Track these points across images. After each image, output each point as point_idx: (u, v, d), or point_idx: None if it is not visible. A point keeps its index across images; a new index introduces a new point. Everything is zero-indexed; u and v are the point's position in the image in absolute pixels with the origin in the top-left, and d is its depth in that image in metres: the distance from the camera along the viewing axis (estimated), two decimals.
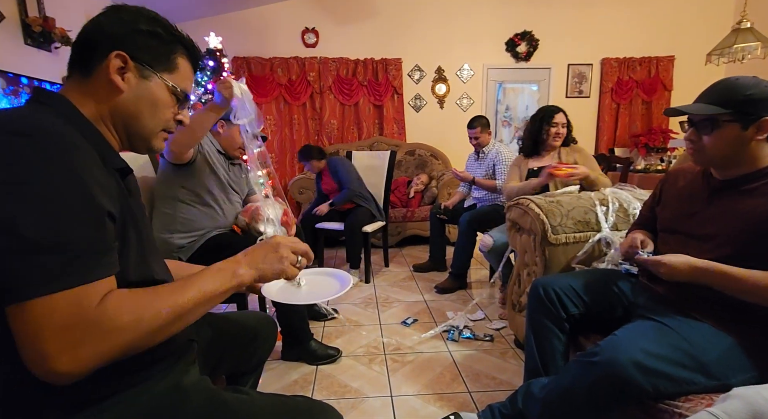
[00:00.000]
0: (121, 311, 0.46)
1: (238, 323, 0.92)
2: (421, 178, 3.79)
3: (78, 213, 0.46)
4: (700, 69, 3.57)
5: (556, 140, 2.07)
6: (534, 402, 1.00)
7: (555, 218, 1.43)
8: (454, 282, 2.49)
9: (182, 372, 0.63)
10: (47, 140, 0.46)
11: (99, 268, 0.47)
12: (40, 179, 0.44)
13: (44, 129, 0.47)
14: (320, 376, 1.59)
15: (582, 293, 1.12)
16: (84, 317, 0.44)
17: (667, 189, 1.15)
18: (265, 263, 0.62)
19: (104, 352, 0.45)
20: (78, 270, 0.45)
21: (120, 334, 0.46)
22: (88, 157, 0.50)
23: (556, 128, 2.06)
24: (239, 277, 0.59)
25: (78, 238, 0.45)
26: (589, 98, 4.47)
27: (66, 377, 0.44)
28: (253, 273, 0.60)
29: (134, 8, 0.61)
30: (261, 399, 0.64)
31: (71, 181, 0.46)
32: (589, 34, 4.30)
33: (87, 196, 0.47)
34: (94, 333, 0.44)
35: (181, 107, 0.66)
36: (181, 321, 0.52)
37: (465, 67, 4.33)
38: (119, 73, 0.57)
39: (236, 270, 0.59)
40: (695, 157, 0.97)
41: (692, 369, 0.81)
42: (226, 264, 0.59)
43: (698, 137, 0.93)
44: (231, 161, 1.70)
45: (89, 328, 0.44)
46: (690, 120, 0.96)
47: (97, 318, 0.45)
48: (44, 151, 0.45)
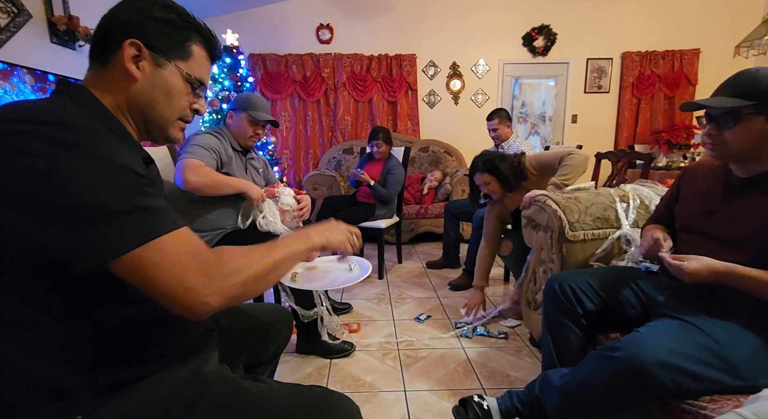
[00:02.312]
0: (234, 255, 0.53)
1: (255, 314, 0.93)
2: (435, 175, 3.77)
3: (134, 182, 0.49)
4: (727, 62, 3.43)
5: (495, 197, 1.88)
6: (551, 391, 1.00)
7: (573, 215, 1.40)
8: (468, 280, 2.47)
9: (203, 360, 0.65)
10: (77, 126, 0.48)
11: (179, 220, 0.51)
12: (82, 160, 0.46)
13: (71, 117, 0.48)
14: (334, 369, 1.60)
15: (599, 289, 1.10)
16: (207, 256, 0.50)
17: (684, 186, 1.11)
18: (330, 232, 0.73)
19: (231, 288, 0.51)
20: (170, 220, 0.50)
21: (239, 273, 0.52)
22: (116, 142, 0.51)
23: (482, 188, 1.86)
24: (312, 240, 0.68)
25: (142, 201, 0.49)
26: (608, 93, 4.36)
27: (209, 309, 0.49)
28: (322, 238, 0.70)
29: None
30: (279, 388, 0.64)
31: (111, 157, 0.48)
32: (609, 27, 4.19)
33: (131, 168, 0.49)
34: (222, 270, 0.51)
35: (196, 96, 0.66)
36: (274, 273, 0.59)
37: (480, 63, 4.27)
38: (134, 61, 0.58)
39: (308, 235, 0.68)
40: (716, 153, 0.93)
41: (719, 368, 0.79)
42: (300, 232, 0.69)
43: (719, 132, 0.90)
44: (248, 157, 1.72)
45: (216, 265, 0.50)
46: (708, 114, 0.92)
47: (218, 259, 0.51)
48: (76, 135, 0.47)
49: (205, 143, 1.51)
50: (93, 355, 0.52)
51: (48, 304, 0.49)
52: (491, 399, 1.16)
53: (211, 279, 0.49)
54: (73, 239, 0.45)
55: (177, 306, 0.48)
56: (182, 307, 0.48)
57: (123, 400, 0.54)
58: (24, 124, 0.46)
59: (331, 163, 4.03)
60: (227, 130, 1.67)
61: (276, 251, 0.60)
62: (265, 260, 0.57)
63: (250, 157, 1.74)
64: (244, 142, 1.68)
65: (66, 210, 0.44)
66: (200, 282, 0.48)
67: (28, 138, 0.45)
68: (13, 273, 0.48)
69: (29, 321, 0.49)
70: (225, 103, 3.06)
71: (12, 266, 0.47)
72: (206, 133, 1.59)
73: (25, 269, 0.48)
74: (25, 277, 0.48)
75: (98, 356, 0.53)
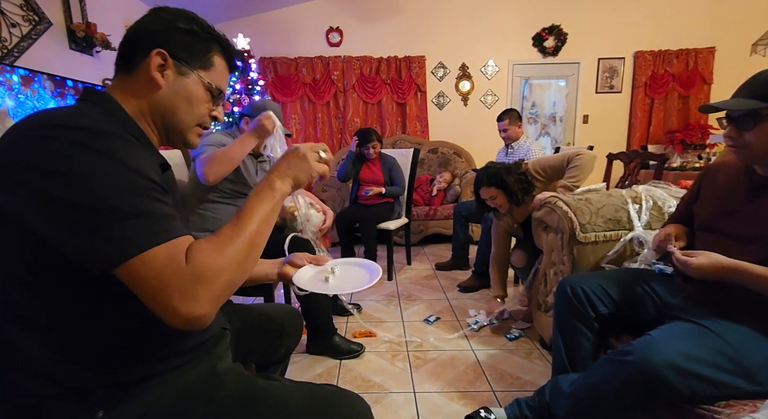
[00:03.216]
0: (207, 256, 0.50)
1: (266, 315, 0.95)
2: (444, 176, 3.76)
3: (143, 188, 0.50)
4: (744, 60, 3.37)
5: (502, 210, 1.83)
6: (562, 397, 0.99)
7: (584, 216, 1.39)
8: (477, 281, 2.46)
9: (217, 358, 0.66)
10: (100, 132, 0.50)
11: (176, 229, 0.51)
12: (103, 163, 0.48)
13: (97, 123, 0.51)
14: (344, 370, 1.61)
15: (612, 292, 1.09)
16: (182, 270, 0.48)
17: (706, 185, 1.10)
18: (292, 168, 0.64)
19: (217, 292, 0.50)
20: (162, 229, 0.49)
21: (219, 275, 0.50)
22: (136, 146, 0.54)
23: (489, 202, 1.82)
24: (278, 190, 0.61)
25: (150, 206, 0.50)
26: (620, 93, 4.30)
27: (202, 320, 0.49)
28: (288, 181, 0.62)
29: (175, 9, 0.64)
30: (292, 386, 0.66)
31: (130, 163, 0.50)
32: (621, 26, 4.13)
33: (146, 174, 0.51)
34: (199, 281, 0.49)
35: (215, 104, 0.69)
36: (256, 246, 0.56)
37: (490, 64, 4.25)
38: (159, 70, 0.60)
39: (272, 185, 0.61)
40: (739, 155, 0.92)
41: (734, 373, 0.77)
42: (262, 185, 0.61)
43: (738, 134, 0.89)
44: (259, 159, 1.75)
45: (192, 278, 0.48)
46: (728, 116, 0.91)
47: (193, 268, 0.49)
48: (101, 140, 0.49)
49: (215, 141, 1.55)
50: (113, 353, 0.54)
51: (68, 303, 0.51)
52: (498, 410, 1.16)
53: (189, 295, 0.47)
54: (86, 241, 0.46)
55: (171, 323, 0.48)
56: (175, 325, 0.48)
57: (142, 396, 0.55)
58: (55, 130, 0.48)
59: (340, 164, 4.05)
60: (240, 134, 1.70)
61: (247, 224, 0.55)
62: (240, 241, 0.53)
63: (261, 160, 1.76)
64: (256, 147, 1.70)
65: (88, 212, 0.46)
66: (179, 301, 0.47)
67: (57, 142, 0.47)
68: (35, 273, 0.50)
69: (51, 319, 0.51)
70: (236, 106, 3.11)
71: (34, 266, 0.49)
72: (217, 133, 1.63)
73: (46, 269, 0.50)
74: (46, 277, 0.50)
75: (118, 353, 0.54)
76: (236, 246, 0.53)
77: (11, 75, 1.95)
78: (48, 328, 0.51)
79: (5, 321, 0.50)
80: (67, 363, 0.51)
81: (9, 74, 1.94)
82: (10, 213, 0.47)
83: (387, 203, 2.72)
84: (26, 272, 0.50)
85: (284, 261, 0.87)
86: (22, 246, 0.49)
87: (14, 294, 0.50)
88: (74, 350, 0.52)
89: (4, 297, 0.50)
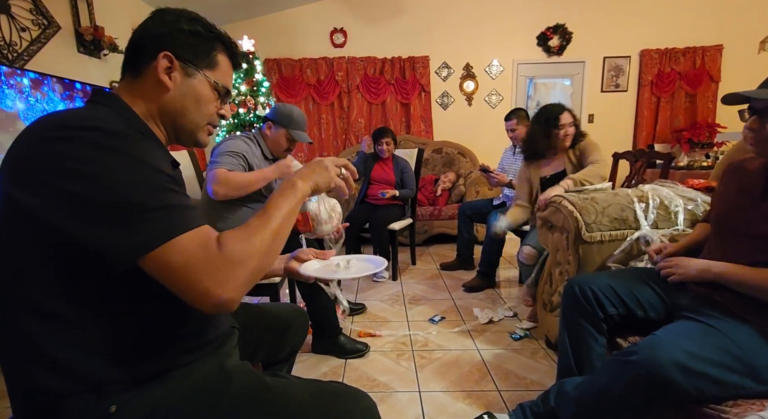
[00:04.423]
0: (237, 243, 0.53)
1: (272, 313, 0.96)
2: (449, 176, 3.76)
3: (164, 182, 0.52)
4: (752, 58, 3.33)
5: (565, 143, 1.91)
6: (567, 401, 0.98)
7: (589, 215, 1.38)
8: (482, 281, 2.46)
9: (226, 355, 0.67)
10: (115, 132, 0.51)
11: (199, 218, 0.54)
12: (124, 162, 0.50)
13: (111, 124, 0.52)
14: (349, 369, 1.62)
15: (621, 293, 1.07)
16: (214, 255, 0.51)
17: (726, 181, 1.09)
18: (315, 174, 0.68)
19: (245, 277, 0.53)
20: (188, 218, 0.52)
21: (247, 261, 0.53)
22: (149, 144, 0.55)
23: (564, 130, 1.88)
24: (300, 190, 0.65)
25: (173, 199, 0.52)
26: (626, 92, 4.27)
27: (231, 303, 0.52)
28: (309, 184, 0.67)
29: (177, 10, 0.65)
30: (298, 383, 0.66)
31: (148, 160, 0.52)
32: (626, 24, 4.10)
33: (163, 170, 0.53)
34: (230, 266, 0.51)
35: (223, 102, 0.70)
36: (279, 239, 0.59)
37: (494, 63, 4.25)
38: (166, 72, 0.61)
39: (295, 185, 0.65)
40: (758, 148, 0.91)
41: (741, 372, 0.77)
42: (285, 185, 0.65)
43: (761, 126, 0.87)
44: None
45: (224, 263, 0.51)
46: (752, 108, 0.90)
47: (224, 254, 0.52)
48: (118, 140, 0.51)
49: (232, 149, 1.55)
50: (128, 348, 0.55)
51: (86, 300, 0.52)
52: (502, 415, 1.15)
53: (221, 278, 0.50)
54: (110, 237, 0.48)
55: (200, 307, 0.50)
56: (205, 308, 0.50)
57: (153, 392, 0.56)
58: (72, 131, 0.50)
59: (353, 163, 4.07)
60: (262, 138, 1.71)
61: (272, 218, 0.59)
62: (266, 232, 0.57)
63: None
64: (277, 154, 1.72)
65: (109, 209, 0.48)
66: (212, 284, 0.49)
67: (76, 143, 0.49)
68: (54, 270, 0.51)
69: (69, 315, 0.52)
70: (241, 108, 3.13)
71: (53, 263, 0.51)
72: (236, 138, 1.63)
73: (65, 266, 0.51)
74: (65, 274, 0.51)
75: (133, 349, 0.56)
76: (263, 235, 0.56)
77: (21, 78, 1.98)
78: (66, 324, 0.52)
79: (25, 317, 0.51)
80: (83, 358, 0.52)
81: (19, 77, 1.97)
82: (35, 214, 0.49)
83: (397, 205, 2.73)
84: (52, 271, 0.51)
85: (290, 257, 0.89)
86: (47, 246, 0.50)
87: (38, 292, 0.51)
88: (94, 346, 0.53)
89: (26, 295, 0.51)
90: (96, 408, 0.52)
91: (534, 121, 1.97)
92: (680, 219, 1.39)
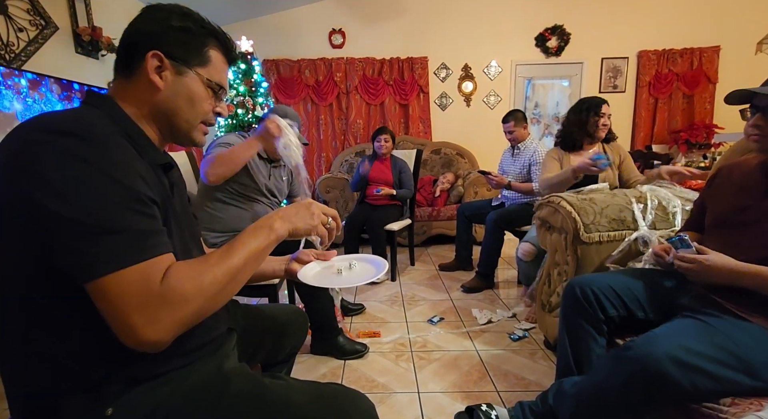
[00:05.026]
0: (182, 282, 0.50)
1: (272, 315, 0.95)
2: (447, 177, 3.76)
3: (127, 201, 0.50)
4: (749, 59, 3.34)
5: (602, 131, 1.99)
6: (566, 399, 0.98)
7: (588, 216, 1.39)
8: (481, 282, 2.46)
9: (224, 357, 0.67)
10: (93, 139, 0.50)
11: (157, 246, 0.51)
12: (89, 175, 0.48)
13: (91, 129, 0.51)
14: (348, 370, 1.61)
15: (622, 294, 1.07)
16: (153, 291, 0.48)
17: (719, 184, 1.09)
18: (298, 217, 0.65)
19: (181, 319, 0.50)
20: (140, 248, 0.49)
21: (188, 302, 0.50)
22: (130, 153, 0.54)
23: (603, 119, 1.97)
24: (275, 231, 0.62)
25: (132, 222, 0.49)
26: (624, 93, 4.28)
27: (156, 345, 0.49)
28: (287, 226, 0.63)
29: (168, 6, 0.63)
30: (297, 384, 0.66)
31: (116, 175, 0.49)
32: (624, 26, 4.12)
33: (131, 187, 0.50)
34: (166, 305, 0.49)
35: (218, 99, 0.68)
36: (235, 281, 0.56)
37: (492, 64, 4.25)
38: (157, 71, 0.60)
39: (272, 225, 0.62)
40: (762, 145, 0.92)
41: (736, 368, 0.77)
42: (262, 222, 0.62)
43: (766, 122, 0.88)
44: (273, 164, 1.75)
45: (160, 301, 0.48)
46: (755, 105, 0.91)
47: (164, 291, 0.49)
48: (91, 149, 0.49)
49: (224, 141, 1.56)
50: (124, 349, 0.55)
51: (80, 303, 0.51)
52: (501, 409, 1.14)
53: (153, 317, 0.47)
54: (62, 251, 0.47)
55: (124, 341, 0.48)
56: (127, 343, 0.48)
57: (150, 394, 0.56)
58: (47, 135, 0.48)
59: (344, 166, 4.07)
60: None
61: (234, 256, 0.55)
62: (220, 272, 0.53)
63: (275, 166, 1.77)
64: (272, 154, 1.71)
65: (67, 224, 0.46)
66: (140, 321, 0.47)
67: (48, 148, 0.47)
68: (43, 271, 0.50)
69: (66, 318, 0.51)
70: (240, 109, 3.12)
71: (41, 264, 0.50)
72: (232, 134, 1.63)
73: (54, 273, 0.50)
74: (53, 275, 0.50)
75: (129, 351, 0.55)
76: (215, 276, 0.53)
77: (19, 79, 1.97)
78: (63, 326, 0.51)
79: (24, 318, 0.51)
80: (81, 360, 0.52)
81: (17, 78, 1.96)
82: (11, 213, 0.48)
83: (395, 205, 2.73)
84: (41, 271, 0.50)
85: (291, 258, 0.87)
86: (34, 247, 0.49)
87: (34, 292, 0.51)
88: (92, 347, 0.52)
89: (23, 294, 0.51)
90: (93, 409, 0.52)
91: (571, 111, 2.04)
92: (678, 219, 1.40)
